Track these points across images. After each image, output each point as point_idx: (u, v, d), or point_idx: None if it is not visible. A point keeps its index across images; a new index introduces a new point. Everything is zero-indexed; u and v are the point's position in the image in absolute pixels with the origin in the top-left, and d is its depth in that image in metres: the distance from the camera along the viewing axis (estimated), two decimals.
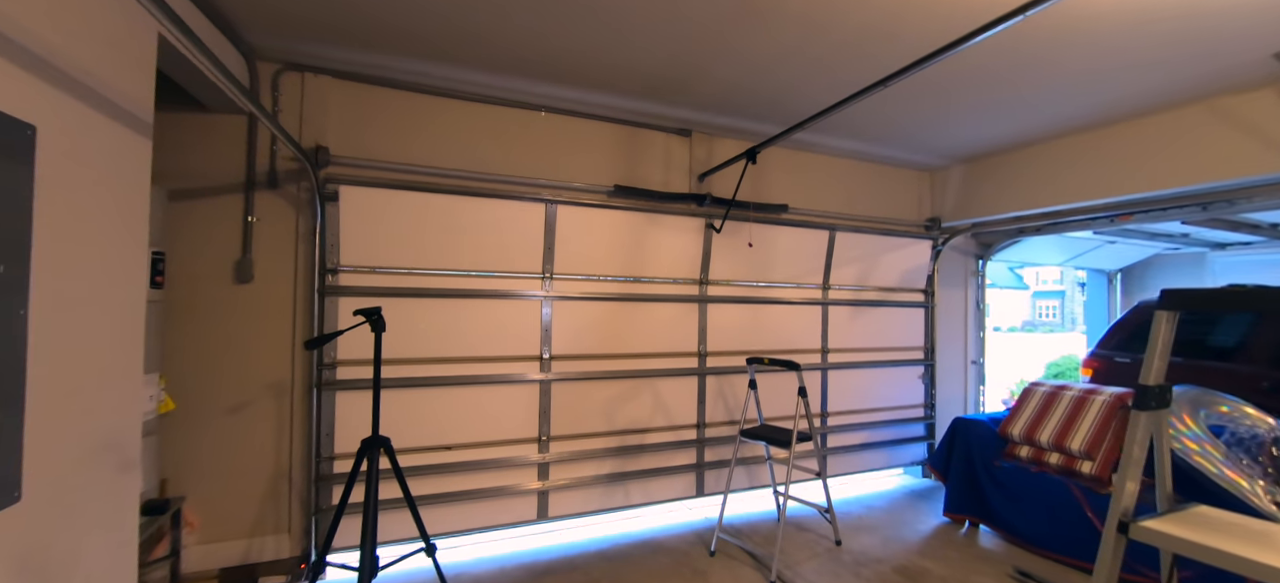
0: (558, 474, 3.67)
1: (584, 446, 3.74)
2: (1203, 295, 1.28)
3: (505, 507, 3.52)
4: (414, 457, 3.29)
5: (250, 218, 3.04)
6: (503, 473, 3.52)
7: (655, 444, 3.97)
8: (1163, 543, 1.14)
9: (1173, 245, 6.08)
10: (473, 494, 3.42)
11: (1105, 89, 3.26)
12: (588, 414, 3.77)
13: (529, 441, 3.59)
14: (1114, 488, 1.29)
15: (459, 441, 3.41)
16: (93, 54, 1.70)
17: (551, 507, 3.64)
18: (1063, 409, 3.64)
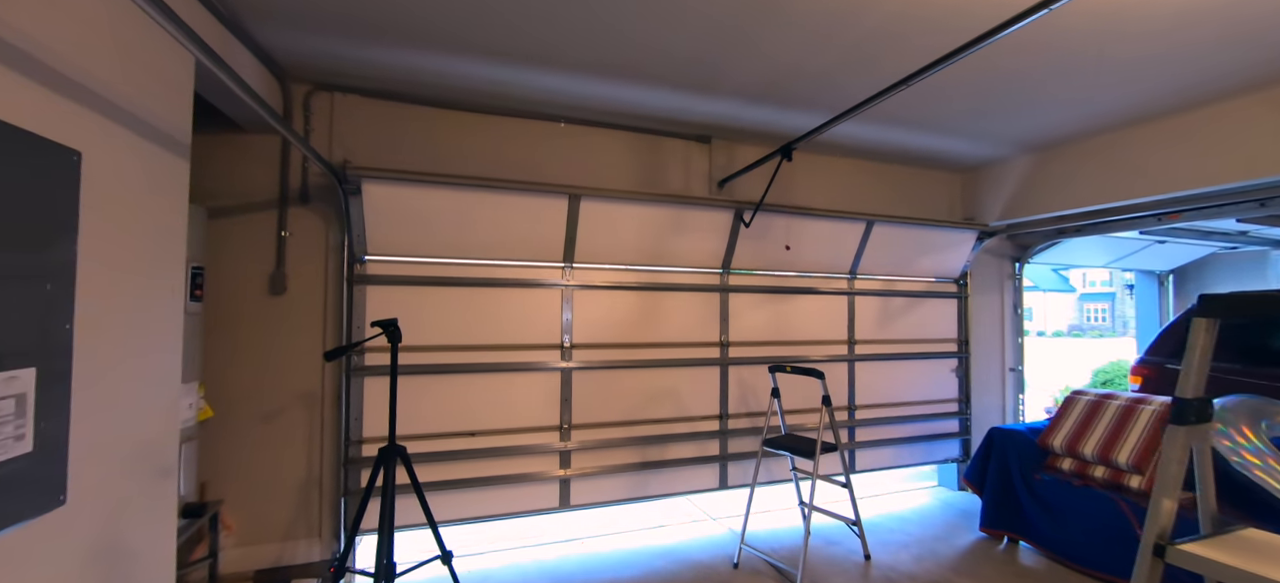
0: (579, 463, 3.67)
1: (605, 435, 3.74)
2: (1247, 299, 1.19)
3: (528, 493, 3.54)
4: (439, 442, 3.34)
5: (283, 232, 3.16)
6: (525, 460, 3.54)
7: (677, 436, 3.93)
8: (1204, 569, 1.05)
9: (1230, 244, 5.71)
10: (496, 480, 3.45)
11: (1147, 80, 3.09)
12: (609, 404, 3.76)
13: (551, 428, 3.61)
14: (1151, 509, 1.21)
15: (482, 427, 3.45)
16: (134, 82, 1.81)
17: (573, 495, 3.65)
18: (1108, 420, 3.45)
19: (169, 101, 2.00)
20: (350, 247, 3.21)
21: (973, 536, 3.94)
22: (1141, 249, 5.77)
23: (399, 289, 3.30)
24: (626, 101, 3.48)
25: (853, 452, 4.49)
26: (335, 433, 3.24)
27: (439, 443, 3.35)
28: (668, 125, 3.89)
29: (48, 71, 1.46)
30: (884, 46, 2.66)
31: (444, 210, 3.27)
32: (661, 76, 3.07)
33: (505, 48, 2.77)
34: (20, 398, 1.40)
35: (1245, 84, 3.10)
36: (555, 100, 3.47)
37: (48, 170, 1.46)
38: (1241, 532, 1.21)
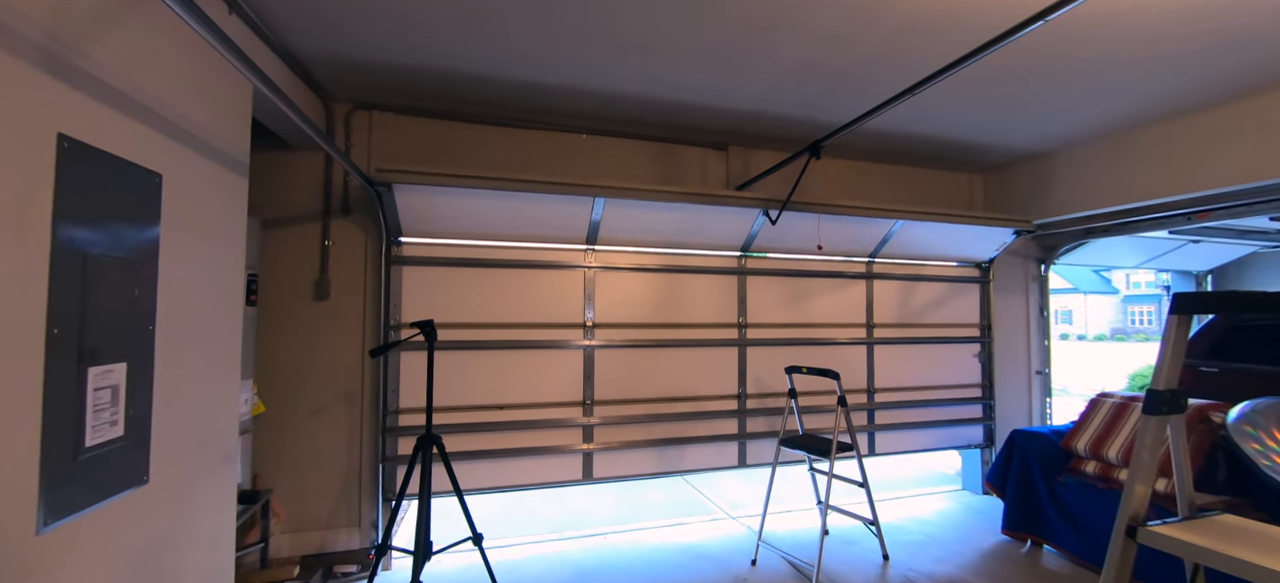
0: (602, 437, 3.82)
1: (627, 411, 3.88)
2: (1217, 298, 1.24)
3: (553, 465, 3.70)
4: (470, 414, 3.54)
5: (327, 242, 3.41)
6: (551, 433, 3.70)
7: (696, 414, 4.03)
8: (1175, 549, 1.11)
9: (1272, 243, 5.51)
10: (523, 452, 3.63)
11: (1175, 76, 3.07)
12: (630, 382, 3.90)
13: (574, 403, 3.77)
14: (1125, 492, 1.27)
15: (511, 401, 3.63)
16: (205, 111, 2.04)
17: (596, 468, 3.79)
18: (1134, 422, 3.41)
19: (232, 128, 2.24)
20: (387, 233, 3.40)
21: (995, 538, 3.93)
22: (1175, 249, 5.61)
23: (432, 269, 3.49)
24: (649, 101, 3.59)
25: (872, 435, 4.51)
26: (374, 430, 3.46)
27: (470, 415, 3.55)
28: (685, 133, 4.03)
29: (138, 106, 1.69)
30: (910, 43, 2.69)
31: (472, 207, 3.42)
32: (682, 82, 3.21)
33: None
34: (114, 389, 1.61)
35: (1271, 80, 3.06)
36: (579, 108, 3.64)
37: (136, 190, 1.69)
38: (1217, 517, 1.26)
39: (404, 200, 3.23)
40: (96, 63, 1.53)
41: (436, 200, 3.27)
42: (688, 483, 5.42)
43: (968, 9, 2.38)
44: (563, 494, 5.15)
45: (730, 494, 5.03)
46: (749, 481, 5.47)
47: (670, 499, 4.93)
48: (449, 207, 3.33)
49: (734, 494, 5.02)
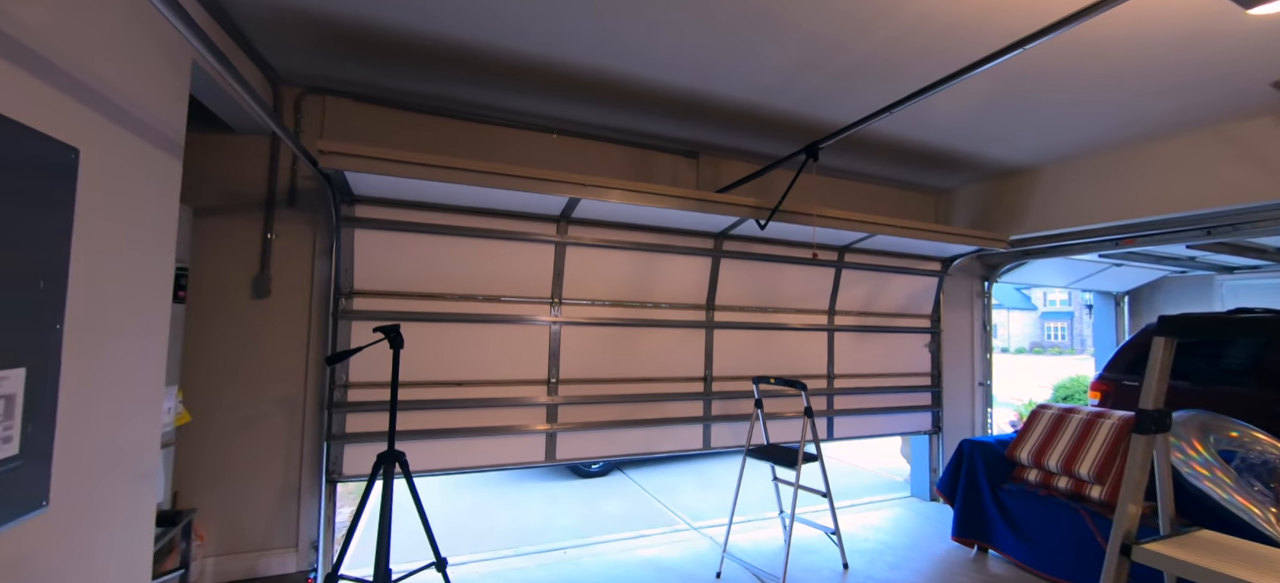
0: (566, 417, 3.69)
1: (592, 391, 3.76)
2: (1201, 321, 1.31)
3: (514, 445, 3.54)
4: (425, 391, 3.31)
5: (269, 235, 3.12)
6: (512, 412, 3.54)
7: (662, 395, 3.97)
8: (1165, 566, 1.15)
9: (1180, 269, 6.08)
10: (482, 431, 3.44)
11: (1109, 115, 3.31)
12: (596, 362, 3.79)
13: (538, 382, 3.62)
14: (1117, 512, 1.31)
15: (470, 378, 3.43)
16: (133, 80, 1.79)
17: (559, 449, 3.66)
18: (1071, 432, 3.63)
19: (166, 103, 1.98)
20: (334, 193, 3.04)
21: (945, 545, 4.08)
22: (1099, 271, 6.09)
23: (389, 235, 3.16)
24: (621, 111, 3.55)
25: (831, 419, 4.61)
26: (317, 441, 3.18)
27: (426, 392, 3.31)
28: (657, 140, 3.98)
29: (50, 67, 1.45)
30: (880, 68, 2.79)
31: (432, 195, 3.17)
32: (655, 102, 3.16)
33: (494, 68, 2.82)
34: (9, 399, 1.36)
35: (1195, 122, 3.35)
36: (548, 114, 3.53)
37: (46, 167, 1.44)
38: (1197, 533, 1.32)
39: (359, 188, 2.98)
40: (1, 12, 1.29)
41: (395, 188, 2.97)
42: (647, 493, 5.35)
43: (968, 25, 2.45)
44: (520, 505, 4.96)
45: (691, 504, 5.00)
46: (710, 489, 5.46)
47: (630, 511, 4.84)
48: (409, 194, 3.09)
49: (695, 504, 4.99)
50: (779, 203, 3.43)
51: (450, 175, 2.74)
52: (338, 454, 3.16)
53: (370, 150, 2.57)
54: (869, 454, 7.34)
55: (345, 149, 2.52)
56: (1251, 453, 3.07)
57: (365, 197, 3.06)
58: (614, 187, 3.13)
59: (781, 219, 3.52)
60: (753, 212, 3.48)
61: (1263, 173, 3.22)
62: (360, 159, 2.55)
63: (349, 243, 3.09)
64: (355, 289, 3.18)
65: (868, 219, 3.88)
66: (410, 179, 2.73)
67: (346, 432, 3.16)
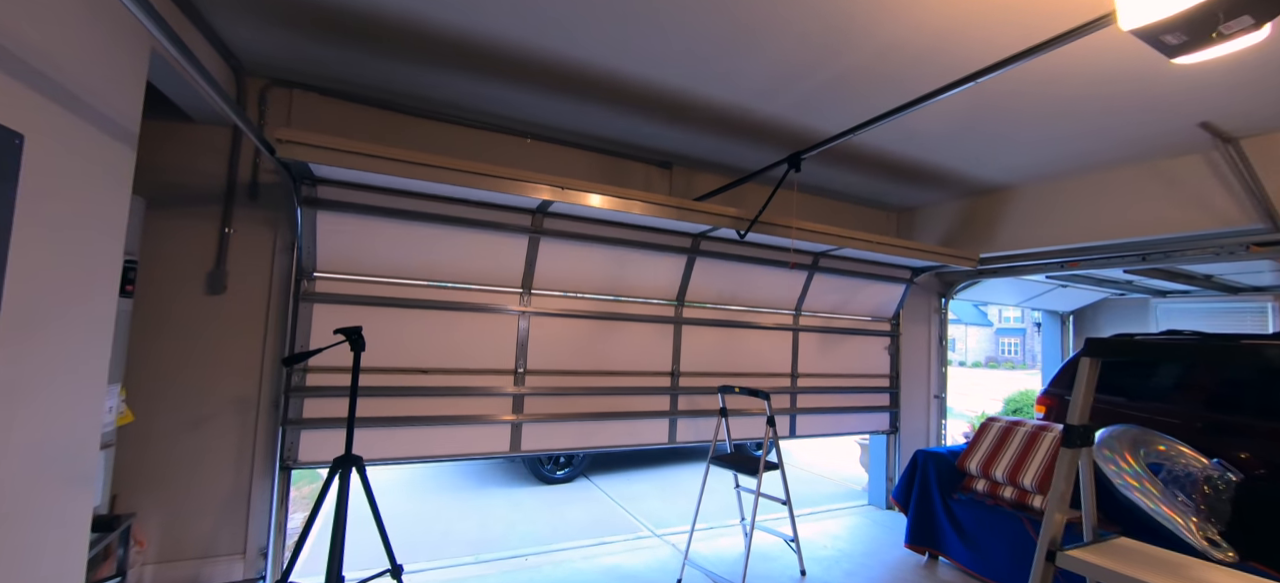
0: (532, 408, 3.67)
1: (560, 382, 3.76)
2: (1124, 345, 1.42)
3: (479, 435, 3.51)
4: (388, 377, 3.26)
5: (227, 229, 3.02)
6: (478, 401, 3.51)
7: (629, 388, 4.00)
8: (1085, 571, 1.24)
9: (1119, 291, 6.46)
10: (447, 420, 3.40)
11: (1061, 145, 3.51)
12: (564, 354, 3.79)
13: (505, 372, 3.59)
14: (1045, 519, 1.40)
15: (435, 365, 3.39)
16: (86, 66, 1.72)
17: (525, 440, 3.64)
18: (1017, 444, 3.82)
19: (122, 90, 1.91)
20: (298, 193, 2.95)
21: (899, 552, 4.22)
22: (1047, 292, 6.42)
23: (352, 218, 3.06)
24: (593, 124, 3.56)
25: (794, 417, 4.72)
26: (269, 443, 3.08)
27: (389, 378, 3.25)
28: (631, 149, 4.02)
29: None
30: (866, 81, 2.88)
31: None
32: (628, 103, 3.19)
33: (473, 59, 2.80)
34: None
35: (1135, 156, 3.60)
36: (522, 117, 3.52)
37: None
38: (1116, 540, 1.43)
39: (324, 190, 2.92)
40: None
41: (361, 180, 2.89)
42: (612, 499, 5.36)
43: (964, 31, 2.57)
44: (482, 511, 4.89)
45: (655, 511, 5.02)
46: (674, 497, 5.50)
47: (594, 517, 4.84)
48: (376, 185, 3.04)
49: (659, 511, 5.02)
50: (760, 212, 3.45)
51: (420, 172, 2.63)
52: (294, 440, 3.07)
53: (333, 141, 2.43)
54: (829, 462, 7.52)
55: (305, 138, 2.37)
56: (1177, 466, 3.29)
57: (328, 179, 2.93)
58: (592, 190, 3.09)
59: (760, 230, 3.57)
60: (733, 221, 3.50)
61: (1191, 206, 3.47)
62: (322, 150, 2.41)
63: (311, 225, 3.00)
64: (317, 272, 3.11)
65: (846, 234, 3.94)
66: (377, 174, 2.65)
67: (304, 417, 3.08)
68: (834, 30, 2.33)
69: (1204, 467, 3.20)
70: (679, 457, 7.08)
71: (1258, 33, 1.33)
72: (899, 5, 2.12)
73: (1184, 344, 1.38)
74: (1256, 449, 3.39)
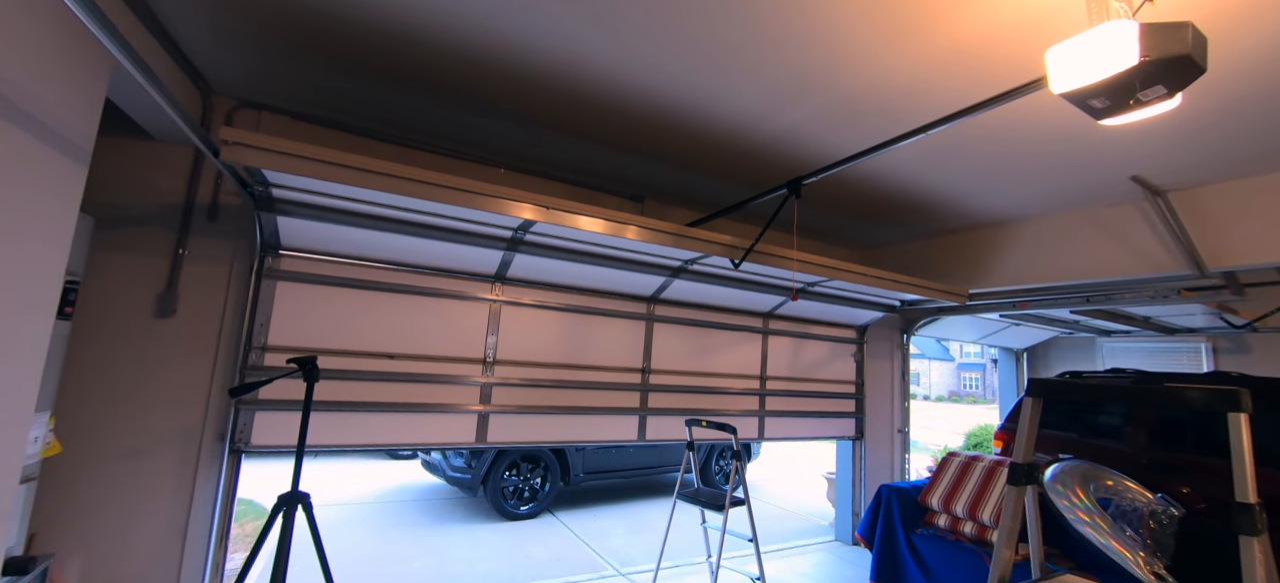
0: (500, 399, 3.61)
1: (530, 374, 3.72)
2: (1064, 386, 1.50)
3: (445, 425, 3.44)
4: (352, 360, 3.19)
5: (181, 250, 2.91)
6: (444, 390, 3.45)
7: (599, 384, 3.97)
8: None
9: (1068, 330, 6.78)
10: (413, 408, 3.33)
11: (1017, 190, 3.71)
12: (536, 346, 3.76)
13: (474, 361, 3.53)
14: (994, 556, 1.43)
15: (402, 350, 3.33)
16: (41, 80, 1.67)
17: (491, 431, 3.57)
18: (976, 479, 3.90)
19: (78, 106, 1.85)
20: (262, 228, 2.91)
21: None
22: (1002, 330, 6.69)
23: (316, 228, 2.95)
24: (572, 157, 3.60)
25: (763, 419, 4.76)
26: (212, 476, 2.91)
27: (355, 362, 3.20)
28: (605, 181, 4.08)
29: None
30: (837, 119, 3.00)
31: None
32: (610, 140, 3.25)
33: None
34: None
35: (1079, 203, 3.84)
36: (496, 146, 3.54)
37: None
38: (1062, 577, 1.47)
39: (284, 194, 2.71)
40: None
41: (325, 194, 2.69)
42: (576, 536, 5.22)
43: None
44: (439, 549, 4.70)
45: (621, 549, 4.92)
46: (640, 533, 5.39)
47: (558, 555, 4.70)
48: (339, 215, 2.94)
49: (625, 549, 4.92)
50: (756, 240, 3.34)
51: (384, 184, 2.35)
52: (247, 421, 2.95)
53: (284, 145, 2.18)
54: (797, 494, 7.53)
55: (253, 140, 2.13)
56: (1124, 501, 3.41)
57: (289, 199, 2.74)
58: (582, 212, 2.84)
59: (754, 259, 3.45)
60: (727, 250, 3.37)
61: (1126, 252, 3.71)
62: (271, 154, 2.15)
63: (272, 227, 2.95)
64: (283, 248, 3.04)
65: (842, 266, 3.88)
66: (338, 185, 2.38)
67: (260, 399, 2.96)
68: (801, 73, 2.44)
69: (1149, 502, 3.33)
70: (647, 491, 6.98)
71: (1171, 101, 1.46)
72: (856, 61, 2.25)
73: (1113, 386, 1.46)
74: (1197, 485, 3.55)
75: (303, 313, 3.13)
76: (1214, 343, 6.43)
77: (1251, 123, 2.59)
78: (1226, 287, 3.77)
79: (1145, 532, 3.25)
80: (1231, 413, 1.21)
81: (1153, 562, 3.10)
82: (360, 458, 8.08)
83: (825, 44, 2.16)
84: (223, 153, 2.11)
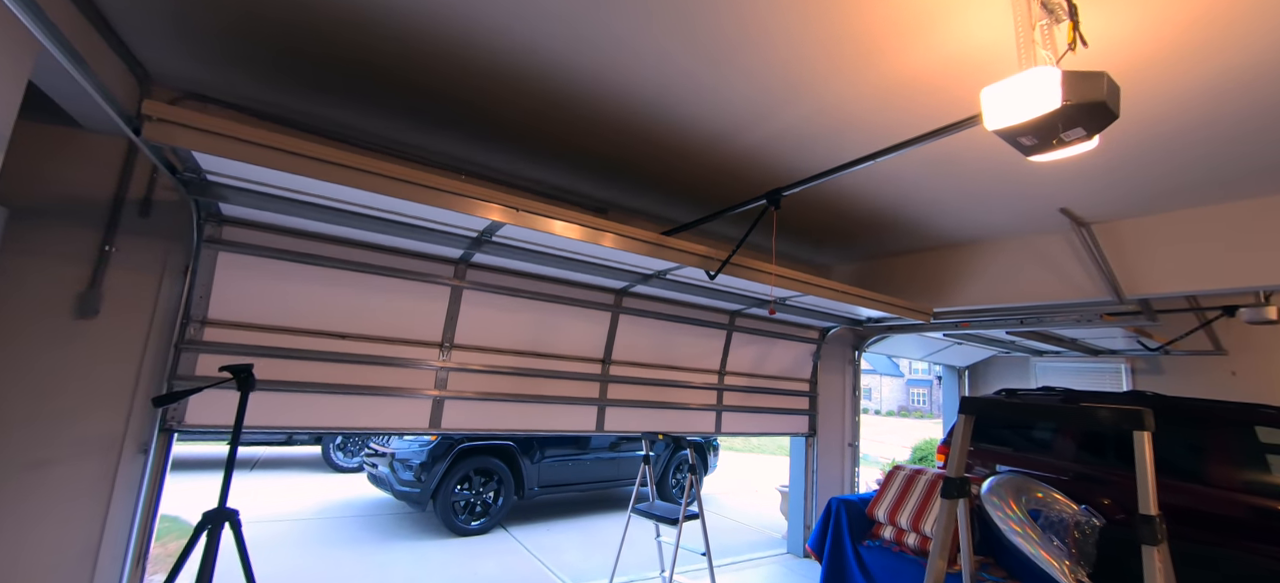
0: (457, 385, 3.51)
1: (488, 360, 3.64)
2: (993, 404, 1.59)
3: (398, 409, 3.32)
4: (299, 339, 3.05)
5: (107, 247, 2.72)
6: (399, 373, 3.34)
7: (559, 373, 3.92)
8: None
9: (1004, 350, 7.19)
10: (364, 390, 3.20)
11: (960, 216, 3.93)
12: (494, 333, 3.68)
13: (431, 344, 3.43)
14: (928, 566, 1.50)
15: (354, 330, 3.20)
16: None
17: (445, 417, 3.46)
18: (919, 492, 4.06)
19: None
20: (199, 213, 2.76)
21: None
22: (946, 348, 7.03)
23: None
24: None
25: (721, 413, 4.80)
26: (131, 491, 2.71)
27: (302, 340, 3.05)
28: (569, 194, 4.07)
29: None
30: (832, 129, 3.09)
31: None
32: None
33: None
34: None
35: (1015, 231, 4.09)
36: (458, 153, 3.48)
37: None
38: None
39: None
40: None
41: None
42: (528, 551, 5.12)
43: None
44: (383, 567, 4.51)
45: (574, 564, 4.85)
46: (593, 548, 5.34)
47: (509, 571, 4.60)
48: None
49: (578, 564, 4.85)
50: (735, 250, 3.26)
51: (336, 174, 2.11)
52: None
53: (221, 123, 1.93)
54: (750, 506, 7.63)
55: (180, 117, 1.86)
56: (1052, 512, 3.62)
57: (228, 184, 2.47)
58: (557, 216, 2.66)
59: (729, 272, 3.36)
60: (702, 261, 3.27)
61: (1055, 278, 3.98)
62: (205, 135, 1.89)
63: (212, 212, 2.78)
64: (226, 218, 2.82)
65: (816, 281, 3.89)
66: (283, 176, 2.17)
67: (196, 374, 2.79)
68: (767, 91, 2.52)
69: (1074, 513, 3.55)
70: (602, 505, 6.92)
71: (1090, 142, 1.59)
72: (807, 88, 2.34)
73: (1035, 405, 1.57)
74: (1117, 496, 3.81)
75: (246, 285, 2.94)
76: (1133, 364, 6.96)
77: (1159, 165, 2.84)
78: (1142, 313, 4.09)
79: (1071, 541, 3.46)
80: (1136, 431, 1.32)
81: (1077, 570, 3.30)
82: (300, 471, 7.68)
83: (781, 70, 2.25)
84: (145, 131, 1.83)
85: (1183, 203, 3.37)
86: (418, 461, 5.33)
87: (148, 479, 2.71)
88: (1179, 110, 2.30)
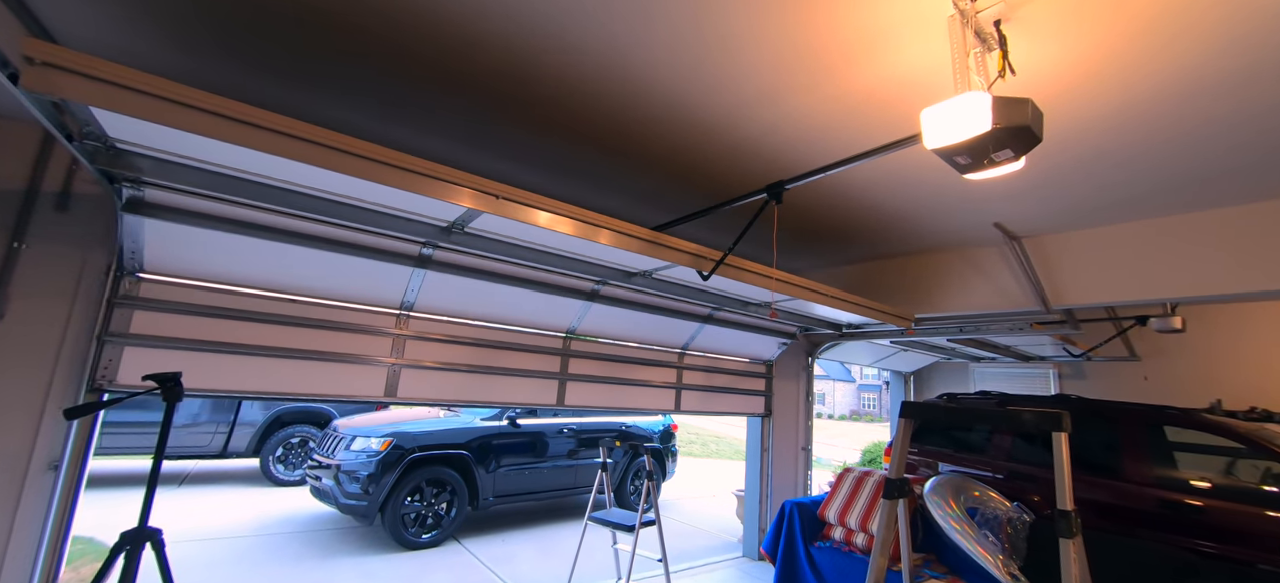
0: (414, 353, 3.42)
1: (448, 330, 3.57)
2: (931, 408, 1.68)
3: (351, 375, 3.20)
4: (244, 300, 2.91)
5: (16, 244, 2.49)
6: (352, 337, 3.22)
7: (521, 345, 3.89)
8: None
9: (946, 356, 7.58)
10: (316, 355, 3.08)
11: (894, 228, 4.12)
12: (454, 302, 3.60)
13: (388, 311, 3.33)
14: (870, 564, 1.56)
15: (304, 289, 3.06)
16: None
17: (402, 386, 3.36)
18: (867, 493, 4.21)
19: None
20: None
21: None
22: (893, 354, 7.34)
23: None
24: None
25: (680, 392, 4.88)
26: (40, 508, 2.48)
27: (247, 301, 2.92)
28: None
29: None
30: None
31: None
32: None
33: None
34: None
35: (955, 244, 4.32)
36: (431, 151, 3.37)
37: None
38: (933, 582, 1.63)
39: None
40: None
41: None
42: (482, 563, 4.99)
43: None
44: (331, 577, 4.29)
45: (529, 575, 4.76)
46: (548, 556, 5.26)
47: (458, 581, 4.46)
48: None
49: (533, 575, 4.77)
50: (728, 250, 3.13)
51: (270, 142, 1.75)
52: (113, 356, 2.60)
53: (120, 72, 1.53)
54: (707, 510, 7.72)
55: (68, 60, 1.47)
56: (987, 509, 3.84)
57: (151, 165, 2.11)
58: (541, 206, 2.39)
59: (723, 274, 3.21)
60: (695, 260, 3.10)
61: (990, 289, 4.23)
62: (102, 85, 1.50)
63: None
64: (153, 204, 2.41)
65: (808, 285, 3.80)
66: (212, 143, 1.78)
67: (130, 331, 2.62)
68: (744, 104, 2.58)
69: (1007, 510, 3.77)
70: (559, 513, 6.83)
71: (1017, 163, 1.71)
72: (763, 101, 2.41)
73: (967, 408, 1.69)
74: (1046, 493, 4.07)
75: (183, 244, 2.64)
76: (1059, 369, 7.48)
77: (1079, 185, 3.08)
78: (1066, 321, 4.40)
79: (1004, 537, 3.67)
80: (1054, 432, 1.42)
81: (1009, 564, 3.50)
82: (236, 486, 7.23)
83: (734, 86, 2.31)
84: (24, 79, 1.42)
85: (1100, 220, 3.65)
86: (366, 472, 5.11)
87: (58, 498, 2.49)
88: (1097, 133, 2.50)
